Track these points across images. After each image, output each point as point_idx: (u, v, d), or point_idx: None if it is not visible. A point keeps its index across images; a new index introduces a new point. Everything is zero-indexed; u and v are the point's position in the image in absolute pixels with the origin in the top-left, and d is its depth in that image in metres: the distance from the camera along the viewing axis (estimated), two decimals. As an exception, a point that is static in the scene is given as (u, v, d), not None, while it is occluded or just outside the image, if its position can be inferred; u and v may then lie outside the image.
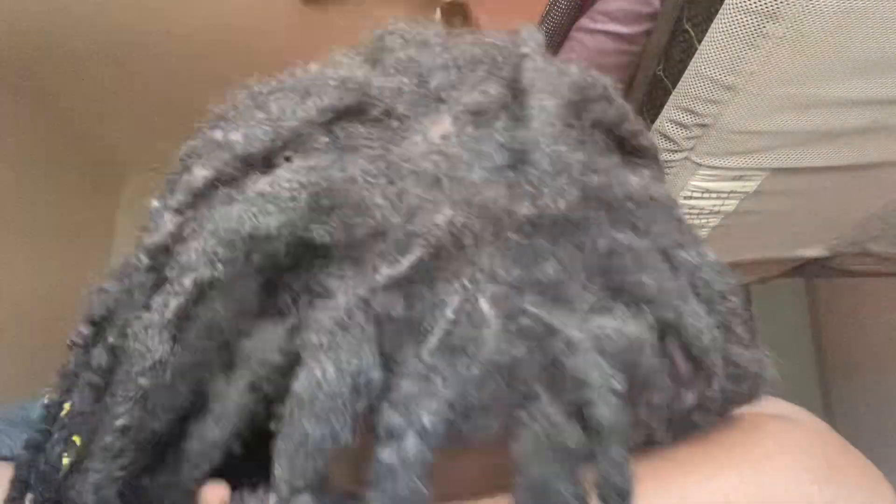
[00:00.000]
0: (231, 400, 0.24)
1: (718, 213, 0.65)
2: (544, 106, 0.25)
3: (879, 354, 1.51)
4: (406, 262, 0.23)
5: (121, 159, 1.85)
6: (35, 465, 0.27)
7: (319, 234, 0.23)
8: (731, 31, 0.45)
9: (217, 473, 0.26)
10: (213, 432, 0.24)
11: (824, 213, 0.71)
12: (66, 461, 0.26)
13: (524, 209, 0.24)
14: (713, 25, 0.46)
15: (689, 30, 0.50)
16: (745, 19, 0.44)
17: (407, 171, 0.24)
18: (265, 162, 0.25)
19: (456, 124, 0.26)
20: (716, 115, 0.51)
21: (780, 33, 0.43)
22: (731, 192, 0.61)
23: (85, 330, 0.26)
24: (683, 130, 0.54)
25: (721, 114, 0.51)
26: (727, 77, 0.48)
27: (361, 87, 0.26)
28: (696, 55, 0.49)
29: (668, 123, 0.55)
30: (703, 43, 0.48)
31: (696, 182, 0.60)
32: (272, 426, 0.23)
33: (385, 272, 0.23)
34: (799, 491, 0.30)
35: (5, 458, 0.41)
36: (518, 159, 0.25)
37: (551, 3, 0.59)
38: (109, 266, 0.28)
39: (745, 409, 0.33)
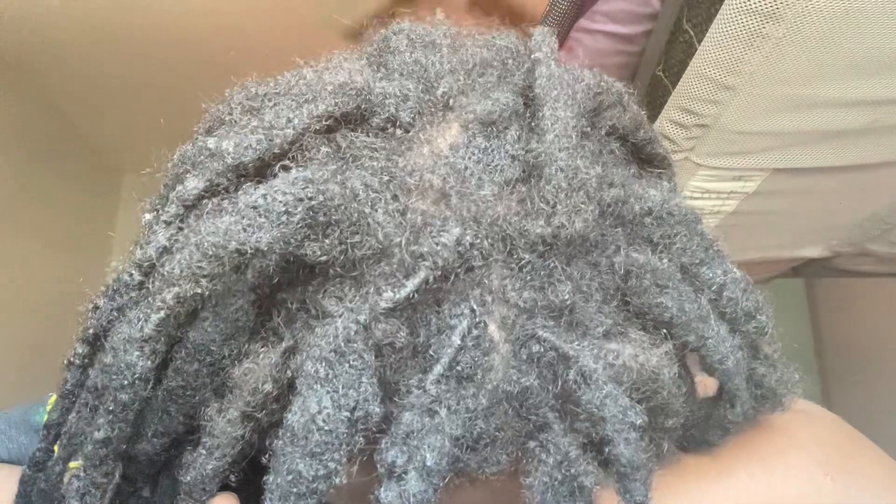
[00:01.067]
0: (223, 431, 0.23)
1: (718, 213, 0.65)
2: (559, 116, 0.24)
3: (879, 354, 1.51)
4: (410, 285, 0.21)
5: (120, 159, 1.85)
6: (36, 483, 0.26)
7: (314, 251, 0.22)
8: (730, 32, 0.45)
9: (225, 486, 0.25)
10: (207, 464, 0.23)
11: (824, 214, 0.71)
12: (73, 465, 0.25)
13: (538, 228, 0.22)
14: (713, 26, 0.46)
15: (689, 30, 0.50)
16: (745, 20, 0.44)
17: (412, 185, 0.23)
18: (259, 171, 0.24)
19: (465, 134, 0.24)
20: (716, 115, 0.51)
21: (780, 34, 0.43)
22: (731, 192, 0.61)
23: (80, 349, 0.25)
24: (683, 131, 0.54)
25: (721, 114, 0.51)
26: (727, 77, 0.47)
27: (361, 92, 0.25)
28: (695, 55, 0.49)
29: (668, 124, 0.55)
30: (702, 43, 0.47)
31: (696, 182, 0.60)
32: (264, 459, 0.22)
33: (388, 295, 0.21)
34: (812, 485, 0.29)
35: (3, 461, 0.41)
36: (531, 173, 0.24)
37: (551, 4, 0.58)
38: (108, 268, 0.28)
39: None
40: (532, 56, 0.26)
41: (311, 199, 0.22)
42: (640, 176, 0.30)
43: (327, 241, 0.22)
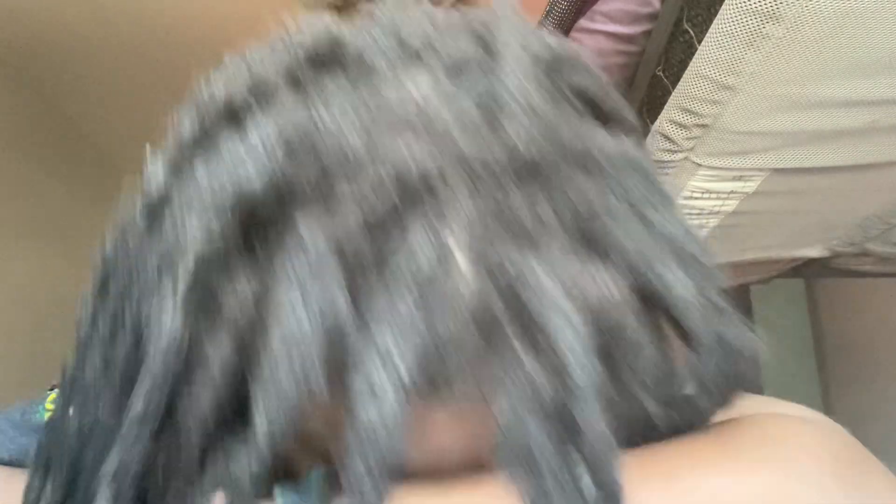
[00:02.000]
0: (214, 359, 0.24)
1: (718, 213, 0.65)
2: (518, 56, 0.26)
3: (880, 354, 1.51)
4: (380, 206, 0.23)
5: (120, 159, 1.85)
6: (52, 447, 0.27)
7: (297, 180, 0.24)
8: (731, 32, 0.45)
9: None
10: (201, 397, 0.24)
11: (824, 214, 0.71)
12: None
13: (497, 154, 0.24)
14: (713, 26, 0.46)
15: (689, 30, 0.50)
16: (745, 20, 0.44)
17: (381, 118, 0.25)
18: (233, 115, 0.26)
19: (432, 78, 0.26)
20: (716, 115, 0.51)
21: (780, 34, 0.43)
22: (732, 192, 0.62)
23: (91, 301, 0.26)
24: (683, 131, 0.54)
25: (721, 114, 0.51)
26: (727, 77, 0.48)
27: (335, 37, 0.27)
28: (695, 55, 0.49)
29: (668, 124, 0.55)
30: (703, 43, 0.48)
31: (696, 182, 0.60)
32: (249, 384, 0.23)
33: (356, 215, 0.23)
34: (823, 497, 0.29)
35: (3, 463, 0.41)
36: (493, 112, 0.26)
37: (551, 4, 0.59)
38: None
39: (758, 408, 0.32)
40: (495, 15, 0.29)
41: (289, 133, 0.24)
42: (601, 127, 0.31)
43: (306, 168, 0.24)
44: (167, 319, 0.23)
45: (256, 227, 0.25)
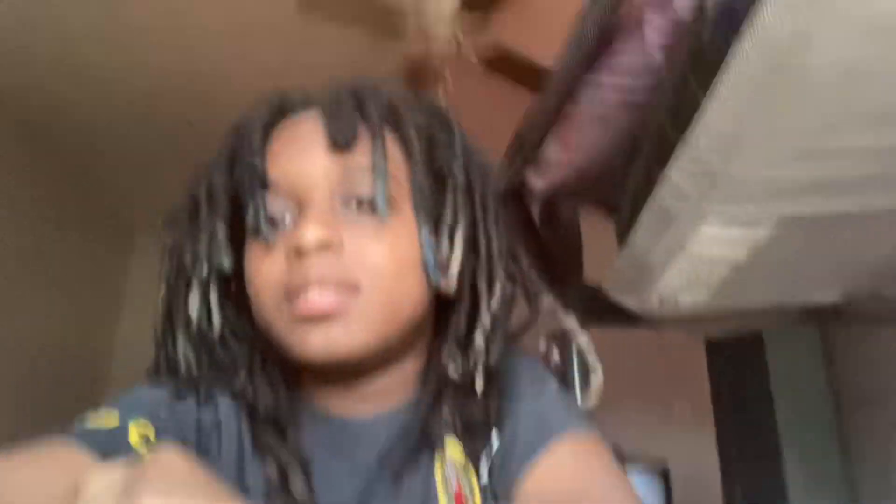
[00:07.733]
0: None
1: (729, 261, 0.65)
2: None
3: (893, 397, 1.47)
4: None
5: (133, 215, 1.87)
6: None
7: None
8: (737, 85, 0.45)
9: None
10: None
11: (837, 259, 0.71)
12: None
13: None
14: (719, 78, 0.47)
15: (694, 83, 0.51)
16: (751, 72, 0.44)
17: None
18: None
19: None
20: (724, 165, 0.51)
21: (787, 86, 0.44)
22: (742, 239, 0.61)
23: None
24: (692, 179, 0.55)
25: (729, 164, 0.51)
26: (734, 129, 0.48)
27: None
28: (702, 109, 0.49)
29: (677, 172, 0.55)
30: (708, 97, 0.48)
31: (706, 230, 0.59)
32: None
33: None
34: None
35: None
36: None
37: (560, 56, 0.60)
38: (122, 321, 0.28)
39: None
40: None
41: None
42: None
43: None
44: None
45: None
